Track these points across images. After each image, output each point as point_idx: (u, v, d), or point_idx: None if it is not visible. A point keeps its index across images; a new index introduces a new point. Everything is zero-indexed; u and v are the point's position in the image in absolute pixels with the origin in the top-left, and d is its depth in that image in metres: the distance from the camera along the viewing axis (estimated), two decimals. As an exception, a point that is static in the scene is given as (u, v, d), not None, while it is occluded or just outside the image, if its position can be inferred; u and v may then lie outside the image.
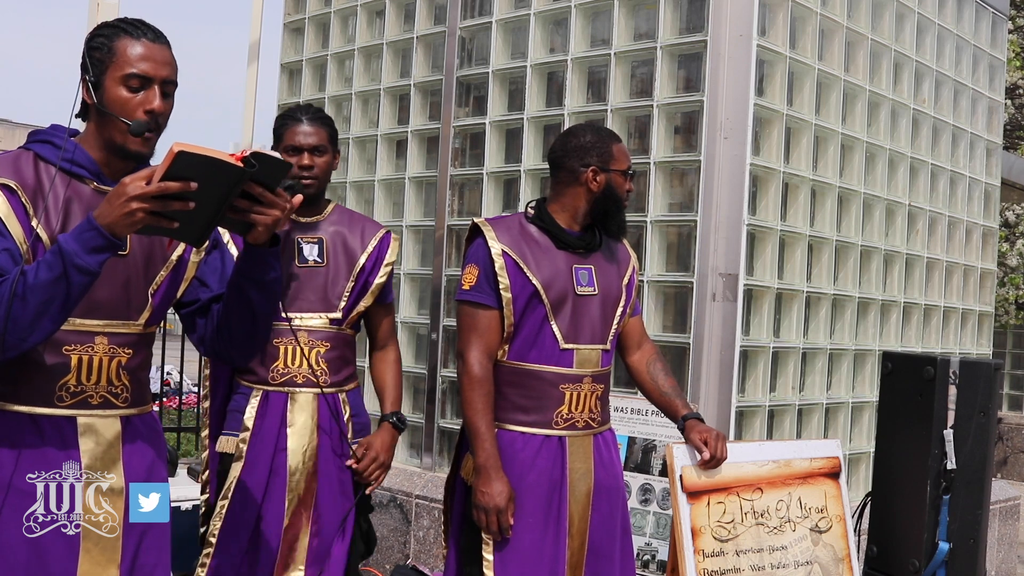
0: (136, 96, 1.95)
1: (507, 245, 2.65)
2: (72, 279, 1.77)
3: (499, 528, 2.56)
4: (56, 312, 1.81)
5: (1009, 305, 9.97)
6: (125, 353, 2.03)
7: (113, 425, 2.02)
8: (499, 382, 2.66)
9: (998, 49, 5.58)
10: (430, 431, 4.74)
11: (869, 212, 4.63)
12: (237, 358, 2.19)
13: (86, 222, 1.78)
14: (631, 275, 2.83)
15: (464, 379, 2.62)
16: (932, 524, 2.99)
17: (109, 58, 1.95)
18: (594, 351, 2.70)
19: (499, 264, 2.62)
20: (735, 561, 2.75)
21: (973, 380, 3.00)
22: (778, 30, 4.05)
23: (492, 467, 2.56)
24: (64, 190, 1.98)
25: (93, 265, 1.78)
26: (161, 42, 1.98)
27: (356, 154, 5.17)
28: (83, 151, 2.00)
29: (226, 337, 2.11)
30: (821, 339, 4.36)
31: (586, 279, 2.70)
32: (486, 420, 2.59)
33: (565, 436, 2.66)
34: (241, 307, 2.05)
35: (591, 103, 4.29)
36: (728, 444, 2.74)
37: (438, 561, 4.48)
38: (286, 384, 2.76)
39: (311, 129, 2.79)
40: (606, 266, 2.76)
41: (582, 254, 2.72)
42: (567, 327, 2.66)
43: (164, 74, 1.97)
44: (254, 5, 6.17)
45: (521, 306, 2.63)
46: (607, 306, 2.73)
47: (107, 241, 1.77)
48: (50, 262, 1.78)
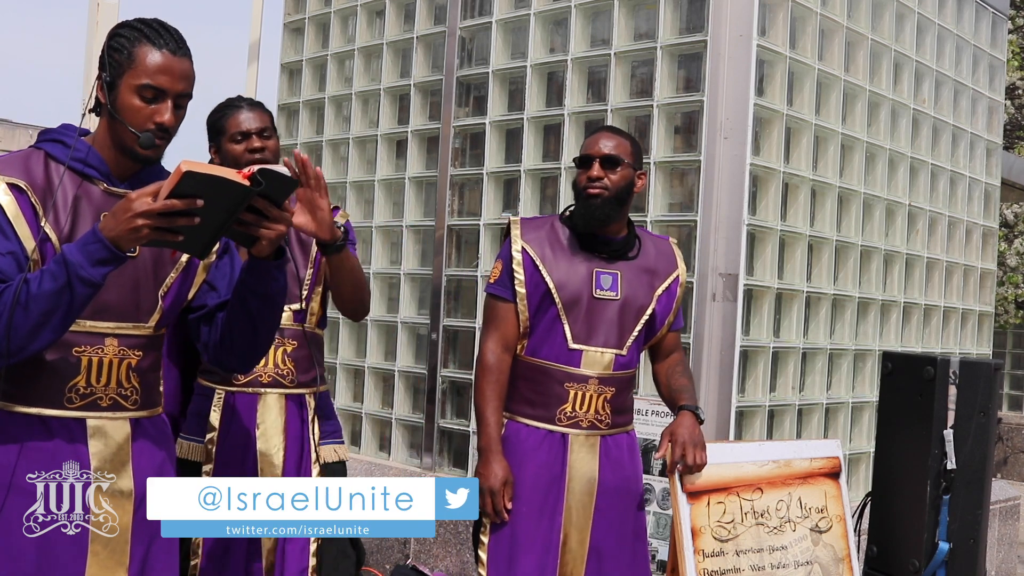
0: (148, 107, 1.95)
1: (529, 243, 2.72)
2: (76, 290, 1.79)
3: (494, 509, 2.62)
4: (58, 322, 1.82)
5: (1009, 305, 9.97)
6: (135, 355, 2.02)
7: (123, 427, 2.02)
8: (515, 375, 2.73)
9: (998, 49, 5.58)
10: (430, 431, 4.74)
11: (869, 212, 4.63)
12: (238, 367, 2.20)
13: (91, 234, 1.79)
14: (671, 286, 2.81)
15: (478, 367, 2.73)
16: (932, 524, 2.99)
17: (127, 63, 1.94)
18: (605, 354, 2.71)
19: (517, 260, 2.70)
20: (735, 561, 2.75)
21: (973, 380, 3.00)
22: (778, 30, 4.05)
23: (492, 451, 2.64)
24: (74, 190, 1.98)
25: (97, 277, 1.79)
26: (181, 54, 1.97)
27: (356, 154, 5.17)
28: (95, 152, 2.01)
29: (228, 345, 2.11)
30: (821, 339, 4.36)
31: (608, 283, 2.72)
32: (492, 407, 2.68)
33: (568, 433, 2.69)
34: (243, 317, 2.05)
35: (591, 103, 4.29)
36: (728, 444, 2.75)
37: (438, 561, 4.48)
38: (250, 384, 2.72)
39: (253, 114, 2.78)
40: (637, 273, 2.76)
41: (607, 258, 2.73)
42: (579, 328, 2.69)
43: (180, 88, 1.97)
44: (254, 5, 6.17)
45: (535, 303, 2.69)
46: (627, 312, 2.73)
47: (111, 254, 1.78)
48: (54, 272, 1.79)
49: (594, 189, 2.67)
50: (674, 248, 2.88)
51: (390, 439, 4.92)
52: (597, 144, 2.71)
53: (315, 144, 5.42)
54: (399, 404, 4.89)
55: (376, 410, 4.99)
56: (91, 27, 4.89)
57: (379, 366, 4.96)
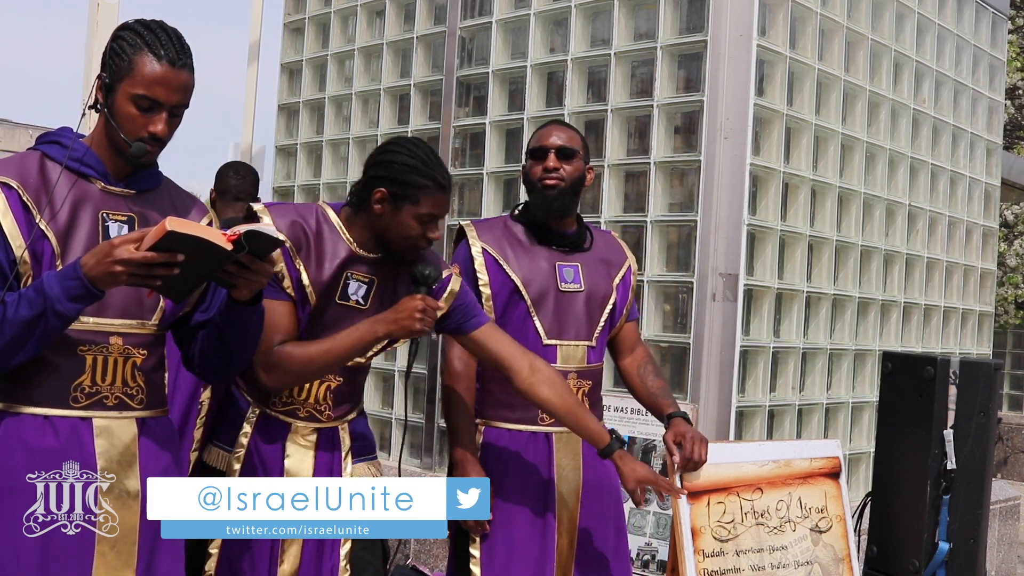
0: (143, 116, 1.96)
1: (488, 243, 2.68)
2: (50, 322, 1.83)
3: (476, 523, 2.55)
4: (31, 348, 1.86)
5: (1009, 305, 9.97)
6: (140, 354, 2.03)
7: (129, 427, 2.02)
8: (485, 379, 2.67)
9: (998, 49, 5.58)
10: (430, 431, 4.74)
11: (869, 212, 4.63)
12: (213, 381, 2.29)
13: (72, 268, 1.82)
14: (626, 275, 2.82)
15: (445, 375, 2.66)
16: (932, 524, 2.99)
17: (126, 69, 1.95)
18: (579, 347, 2.69)
19: (479, 262, 2.66)
20: (735, 561, 2.75)
21: (973, 380, 3.00)
22: (778, 30, 4.05)
23: (469, 462, 2.58)
24: (73, 190, 1.98)
25: (71, 312, 1.84)
26: (180, 65, 1.97)
27: (356, 154, 5.17)
28: (92, 153, 2.02)
29: (204, 364, 2.15)
30: (821, 339, 4.36)
31: (571, 276, 2.71)
32: (464, 415, 2.62)
33: (552, 432, 2.66)
34: (219, 345, 2.09)
35: (591, 103, 4.29)
36: (728, 444, 2.74)
37: (438, 561, 4.48)
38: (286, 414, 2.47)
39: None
40: (595, 264, 2.76)
41: (566, 251, 2.72)
42: (550, 323, 2.66)
43: (176, 100, 1.98)
44: (254, 5, 6.17)
45: (502, 302, 2.65)
46: (593, 303, 2.73)
47: (88, 292, 1.82)
48: (31, 300, 1.82)
49: (550, 180, 2.66)
50: (618, 239, 2.91)
51: (390, 439, 4.92)
52: (550, 136, 2.69)
53: (315, 144, 5.42)
54: (399, 404, 4.89)
55: (376, 410, 4.99)
56: (91, 27, 4.89)
57: (379, 366, 4.96)
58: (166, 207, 2.10)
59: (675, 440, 2.64)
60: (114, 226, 2.00)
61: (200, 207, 2.22)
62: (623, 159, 4.18)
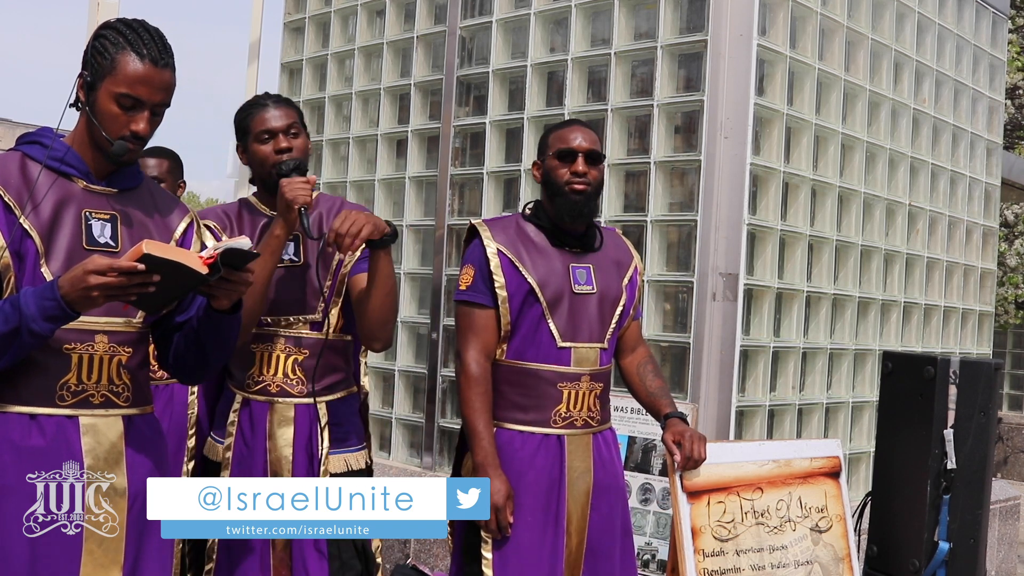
0: (125, 115, 1.97)
1: (503, 244, 2.66)
2: (24, 339, 1.86)
3: (498, 526, 2.55)
4: (5, 360, 1.88)
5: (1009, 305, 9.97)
6: (125, 352, 2.04)
7: (115, 425, 2.02)
8: (498, 381, 2.66)
9: (998, 49, 5.58)
10: (430, 431, 4.74)
11: (869, 212, 4.63)
12: (188, 382, 2.33)
13: (49, 288, 1.83)
14: (633, 275, 2.82)
15: (462, 378, 2.64)
16: (932, 524, 2.99)
17: (108, 68, 1.96)
18: (592, 349, 2.69)
19: (495, 263, 2.63)
20: (735, 561, 2.75)
21: (973, 380, 3.00)
22: (778, 30, 4.05)
23: (490, 465, 2.56)
24: (55, 189, 1.99)
25: (46, 331, 1.86)
26: (163, 65, 1.98)
27: (356, 154, 5.18)
28: (73, 152, 2.03)
29: (179, 365, 2.16)
30: (821, 339, 4.36)
31: (584, 278, 2.70)
32: (484, 419, 2.60)
33: (564, 435, 2.66)
34: (196, 349, 2.10)
35: (591, 103, 4.29)
36: (728, 444, 2.74)
37: (438, 561, 4.48)
38: (260, 392, 2.61)
39: (279, 112, 2.64)
40: (606, 265, 2.75)
41: (579, 253, 2.71)
42: (564, 325, 2.66)
43: (158, 99, 1.99)
44: (254, 5, 6.17)
45: (517, 304, 2.64)
46: (605, 305, 2.72)
47: (63, 313, 1.84)
48: (8, 315, 1.84)
49: (580, 184, 2.64)
50: (623, 237, 2.90)
51: (390, 438, 4.93)
52: (579, 138, 2.67)
53: (315, 144, 5.42)
54: (399, 403, 4.89)
55: (376, 409, 4.98)
56: (91, 27, 4.89)
57: (379, 365, 4.96)
58: (147, 205, 2.11)
59: (674, 440, 2.65)
60: (97, 224, 2.01)
61: (181, 208, 2.22)
62: (623, 159, 4.18)
